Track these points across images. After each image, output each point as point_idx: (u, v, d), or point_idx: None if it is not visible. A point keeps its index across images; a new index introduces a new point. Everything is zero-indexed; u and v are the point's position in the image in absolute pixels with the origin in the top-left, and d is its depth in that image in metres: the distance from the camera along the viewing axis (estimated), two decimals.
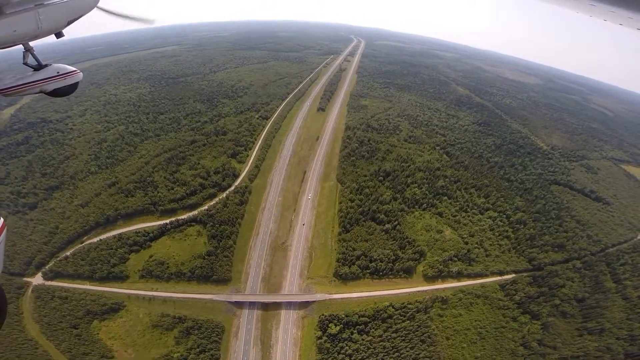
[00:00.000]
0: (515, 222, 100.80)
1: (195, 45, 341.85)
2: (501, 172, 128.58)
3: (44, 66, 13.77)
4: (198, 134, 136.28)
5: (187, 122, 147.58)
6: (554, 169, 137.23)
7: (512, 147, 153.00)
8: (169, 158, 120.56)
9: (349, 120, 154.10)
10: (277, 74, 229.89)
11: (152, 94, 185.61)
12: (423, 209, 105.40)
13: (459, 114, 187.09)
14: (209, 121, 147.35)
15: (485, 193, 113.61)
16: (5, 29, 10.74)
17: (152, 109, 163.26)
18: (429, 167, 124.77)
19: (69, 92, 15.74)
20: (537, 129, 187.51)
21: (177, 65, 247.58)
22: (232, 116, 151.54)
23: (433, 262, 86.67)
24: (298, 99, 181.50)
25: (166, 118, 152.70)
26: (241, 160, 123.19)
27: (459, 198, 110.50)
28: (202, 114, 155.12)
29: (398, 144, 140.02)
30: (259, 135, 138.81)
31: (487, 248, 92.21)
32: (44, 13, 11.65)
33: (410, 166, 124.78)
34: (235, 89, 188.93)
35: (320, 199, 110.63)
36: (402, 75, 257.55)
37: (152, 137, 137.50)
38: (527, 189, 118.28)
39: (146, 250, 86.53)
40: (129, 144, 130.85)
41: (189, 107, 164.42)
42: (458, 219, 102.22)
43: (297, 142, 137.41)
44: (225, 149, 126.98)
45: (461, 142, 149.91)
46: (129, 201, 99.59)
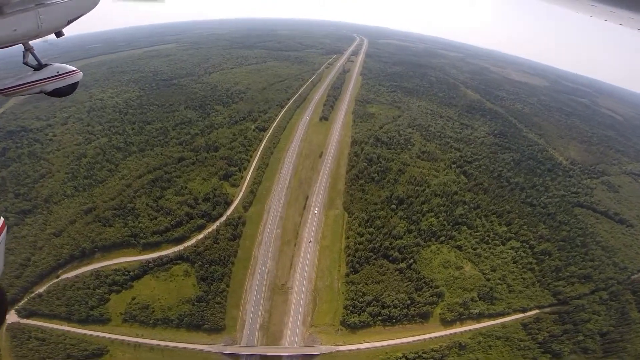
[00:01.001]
0: (539, 253, 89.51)
1: (192, 43, 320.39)
2: (523, 194, 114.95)
3: (44, 66, 13.11)
4: (187, 150, 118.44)
5: (175, 134, 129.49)
6: (576, 189, 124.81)
7: (531, 164, 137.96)
8: (153, 180, 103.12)
9: (356, 132, 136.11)
10: (276, 75, 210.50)
11: (141, 99, 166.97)
12: (441, 242, 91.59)
13: (472, 122, 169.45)
14: (199, 133, 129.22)
15: (507, 220, 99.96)
16: (5, 29, 10.26)
17: (139, 118, 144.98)
18: (446, 191, 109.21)
19: (69, 92, 14.46)
20: (553, 139, 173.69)
21: (171, 66, 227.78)
22: (226, 127, 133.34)
23: (452, 304, 76.31)
24: (299, 105, 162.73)
25: (153, 129, 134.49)
26: (234, 183, 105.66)
27: (479, 227, 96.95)
28: (193, 124, 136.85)
29: (411, 161, 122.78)
30: (255, 151, 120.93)
31: (510, 283, 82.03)
32: (45, 12, 11.12)
33: (425, 190, 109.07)
34: (231, 93, 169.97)
35: (325, 231, 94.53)
36: (408, 78, 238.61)
37: (136, 152, 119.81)
38: (550, 214, 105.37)
39: (128, 290, 74.17)
40: (110, 161, 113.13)
41: (178, 115, 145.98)
42: (479, 252, 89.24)
43: (298, 159, 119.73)
44: (217, 169, 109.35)
45: (478, 159, 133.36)
46: (106, 232, 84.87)
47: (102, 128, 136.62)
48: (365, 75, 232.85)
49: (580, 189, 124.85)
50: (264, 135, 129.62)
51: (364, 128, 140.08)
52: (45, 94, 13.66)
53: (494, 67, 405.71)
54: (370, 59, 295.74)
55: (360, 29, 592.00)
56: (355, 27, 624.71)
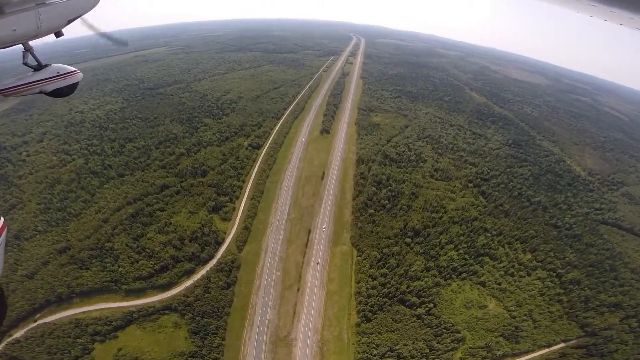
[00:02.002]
0: (568, 282, 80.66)
1: (184, 47, 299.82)
2: (546, 215, 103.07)
3: (44, 66, 12.91)
4: (171, 175, 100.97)
5: (158, 155, 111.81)
6: (599, 205, 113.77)
7: (550, 178, 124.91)
8: (132, 215, 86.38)
9: (361, 148, 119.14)
10: (271, 81, 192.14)
11: (124, 112, 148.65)
12: (462, 278, 79.26)
13: (484, 131, 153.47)
14: (185, 153, 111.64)
15: (532, 246, 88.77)
16: (5, 29, 10.12)
17: (120, 134, 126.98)
18: (465, 217, 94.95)
19: (69, 92, 14.16)
20: (568, 146, 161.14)
21: (159, 72, 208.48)
22: (215, 145, 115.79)
23: (474, 347, 66.79)
24: (296, 116, 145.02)
25: (134, 148, 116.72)
26: (226, 216, 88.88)
27: (502, 257, 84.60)
28: (178, 141, 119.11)
29: (424, 182, 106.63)
30: (248, 174, 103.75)
31: (537, 318, 73.09)
32: (44, 12, 11.01)
33: (442, 217, 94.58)
34: (221, 103, 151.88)
35: (331, 272, 79.25)
36: (411, 80, 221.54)
37: (115, 178, 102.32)
38: (576, 236, 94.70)
39: (113, 340, 63.11)
40: (86, 189, 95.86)
41: (163, 130, 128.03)
42: (503, 286, 78.75)
43: (297, 183, 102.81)
44: (205, 198, 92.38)
45: (496, 175, 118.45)
46: (83, 276, 71.43)
47: (79, 147, 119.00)
48: (365, 78, 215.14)
49: (603, 205, 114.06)
50: (258, 155, 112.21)
51: (369, 142, 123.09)
52: (46, 94, 13.14)
53: (494, 65, 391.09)
54: (370, 60, 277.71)
55: (356, 28, 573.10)
56: (351, 26, 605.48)
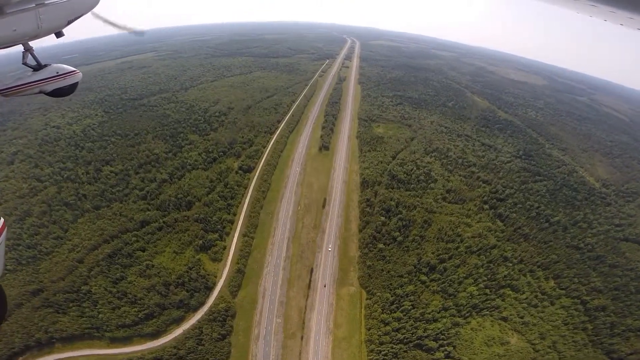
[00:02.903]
0: (593, 309, 73.75)
1: (172, 52, 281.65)
2: (567, 236, 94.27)
3: (43, 66, 12.63)
4: (152, 208, 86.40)
5: (138, 181, 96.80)
6: (618, 221, 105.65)
7: (567, 194, 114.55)
8: (110, 255, 73.69)
9: (365, 167, 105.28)
10: (263, 89, 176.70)
11: (103, 127, 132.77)
12: (482, 315, 70.26)
13: (493, 141, 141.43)
14: (168, 179, 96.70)
15: (555, 273, 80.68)
16: (5, 29, 9.84)
17: (97, 155, 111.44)
18: (483, 246, 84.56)
19: (69, 93, 13.91)
20: (577, 154, 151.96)
21: (144, 80, 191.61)
22: (202, 168, 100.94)
23: None
24: (292, 130, 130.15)
25: (112, 173, 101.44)
26: (216, 257, 75.34)
27: (524, 288, 76.14)
28: (161, 164, 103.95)
29: (436, 206, 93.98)
30: (239, 205, 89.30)
31: (561, 349, 67.18)
32: (45, 12, 10.71)
33: (459, 247, 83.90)
34: (209, 116, 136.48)
35: (339, 318, 68.62)
36: (411, 84, 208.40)
37: (90, 210, 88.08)
38: (599, 257, 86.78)
39: None
40: (58, 224, 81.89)
41: (144, 149, 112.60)
42: (526, 319, 71.21)
43: (296, 212, 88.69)
44: (191, 236, 78.39)
45: (511, 194, 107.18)
46: (61, 321, 62.43)
47: (52, 171, 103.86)
48: (363, 83, 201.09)
49: (622, 220, 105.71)
50: (249, 179, 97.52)
51: (373, 160, 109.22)
52: (45, 95, 12.99)
53: (490, 66, 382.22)
54: (366, 63, 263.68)
55: (349, 30, 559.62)
56: (344, 28, 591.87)
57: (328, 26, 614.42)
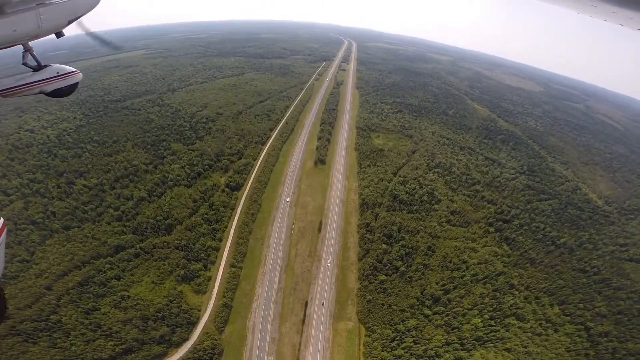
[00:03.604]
0: (596, 335, 70.28)
1: (163, 50, 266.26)
2: (573, 259, 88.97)
3: (43, 66, 12.35)
4: (128, 231, 75.62)
5: (113, 199, 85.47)
6: (623, 241, 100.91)
7: (572, 213, 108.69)
8: (81, 283, 64.50)
9: (364, 186, 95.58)
10: (256, 92, 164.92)
11: (79, 132, 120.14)
12: (486, 347, 65.54)
13: (496, 154, 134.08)
14: (147, 197, 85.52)
15: (561, 298, 76.27)
16: (6, 29, 9.64)
17: (70, 165, 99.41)
18: (489, 273, 77.95)
19: (69, 93, 13.60)
20: (579, 169, 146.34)
21: (129, 80, 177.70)
22: (184, 184, 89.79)
23: None
24: (285, 140, 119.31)
25: (85, 188, 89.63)
26: (200, 289, 66.01)
27: (529, 316, 71.35)
28: (139, 177, 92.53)
29: (440, 230, 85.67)
30: (226, 230, 78.75)
31: None
32: (45, 12, 10.47)
33: (464, 276, 77.58)
34: (195, 122, 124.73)
35: (335, 355, 62.26)
36: (409, 90, 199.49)
37: (59, 231, 77.15)
38: (604, 280, 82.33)
39: None
40: (24, 245, 71.28)
41: (122, 159, 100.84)
42: (530, 349, 66.90)
43: (289, 238, 78.64)
44: (172, 265, 68.42)
45: (516, 214, 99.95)
46: (31, 350, 55.41)
47: (20, 183, 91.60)
48: (361, 88, 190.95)
49: (627, 240, 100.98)
50: (238, 199, 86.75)
51: (373, 177, 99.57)
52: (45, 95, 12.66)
53: (486, 71, 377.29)
54: (364, 66, 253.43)
55: (345, 31, 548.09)
56: (341, 29, 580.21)
57: (324, 26, 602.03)
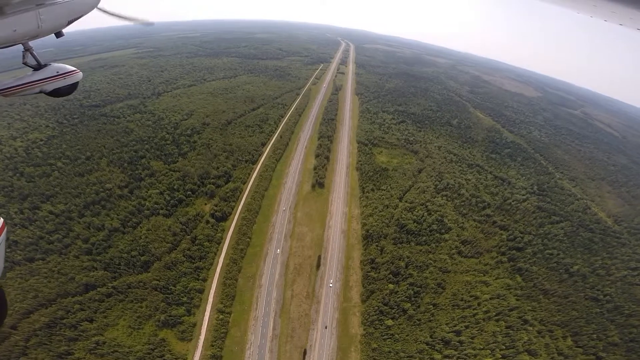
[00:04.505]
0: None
1: (153, 49, 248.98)
2: (586, 287, 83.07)
3: (43, 66, 12.09)
4: (99, 267, 64.27)
5: (82, 228, 73.16)
6: (635, 264, 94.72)
7: (584, 236, 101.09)
8: (49, 324, 54.64)
9: (367, 214, 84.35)
10: (248, 98, 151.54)
11: (50, 144, 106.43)
12: None
13: (505, 172, 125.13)
14: (120, 227, 72.94)
15: (574, 330, 71.09)
16: (6, 29, 9.47)
17: (37, 185, 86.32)
18: (502, 309, 70.48)
19: (69, 92, 13.44)
20: (586, 185, 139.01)
21: (112, 83, 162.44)
22: (163, 213, 77.31)
23: None
24: (279, 157, 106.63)
25: (51, 215, 76.66)
26: (184, 336, 55.56)
27: (542, 350, 65.07)
28: (113, 205, 79.68)
29: (451, 263, 76.47)
30: (211, 268, 67.00)
31: None
32: (45, 13, 10.32)
33: (476, 314, 70.06)
34: (179, 133, 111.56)
35: None
36: (411, 96, 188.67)
37: (21, 262, 66.16)
38: (617, 308, 77.30)
39: None
40: None
41: (94, 181, 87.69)
42: None
43: (284, 276, 67.36)
44: (151, 308, 57.46)
45: (529, 241, 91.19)
46: None
47: None
48: (361, 95, 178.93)
49: (638, 264, 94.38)
50: (225, 230, 74.61)
51: (377, 203, 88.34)
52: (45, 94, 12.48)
53: (484, 75, 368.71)
54: (362, 69, 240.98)
55: (343, 32, 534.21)
56: (337, 30, 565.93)
57: (321, 27, 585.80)
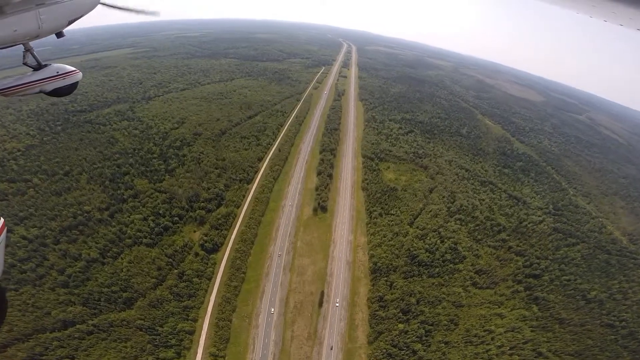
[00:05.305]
0: None
1: (150, 49, 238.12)
2: (603, 313, 77.47)
3: (43, 66, 12.04)
4: (77, 301, 56.37)
5: (56, 259, 64.75)
6: None
7: (602, 259, 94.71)
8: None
9: (375, 244, 75.75)
10: (245, 105, 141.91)
11: (28, 155, 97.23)
12: None
13: (519, 189, 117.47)
14: (99, 258, 64.25)
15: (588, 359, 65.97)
16: (6, 29, 9.33)
17: (9, 207, 77.47)
18: (517, 342, 64.56)
19: (69, 92, 13.39)
20: (599, 201, 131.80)
21: (102, 85, 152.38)
22: (146, 243, 68.38)
23: None
24: (278, 175, 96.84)
25: (24, 240, 67.94)
26: None
27: None
28: (91, 231, 70.65)
29: (465, 296, 69.94)
30: (202, 306, 58.42)
31: None
32: (45, 13, 10.16)
33: (490, 350, 63.97)
34: (167, 145, 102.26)
35: None
36: (417, 103, 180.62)
37: None
38: (632, 334, 72.17)
39: None
40: None
41: (72, 201, 78.61)
42: None
43: (283, 315, 59.20)
44: (136, 349, 50.61)
45: (546, 267, 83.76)
46: None
47: None
48: (366, 100, 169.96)
49: None
50: (216, 264, 65.83)
51: (386, 230, 79.74)
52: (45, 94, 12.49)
53: (487, 78, 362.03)
54: (366, 72, 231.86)
55: (343, 32, 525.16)
56: (338, 31, 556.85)
57: (321, 27, 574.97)
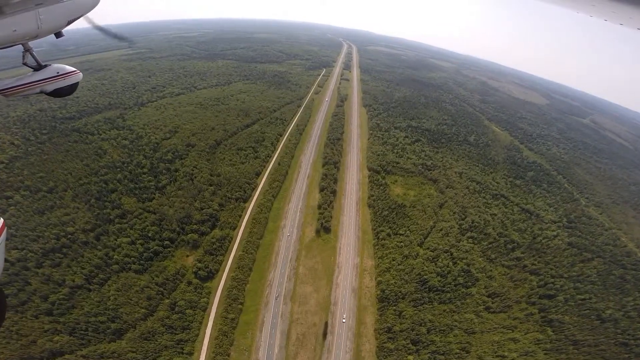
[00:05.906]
0: None
1: (145, 50, 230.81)
2: (617, 332, 72.75)
3: (43, 66, 11.85)
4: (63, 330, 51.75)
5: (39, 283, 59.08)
6: None
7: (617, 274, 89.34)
8: None
9: (384, 269, 69.95)
10: (242, 112, 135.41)
11: (10, 168, 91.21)
12: None
13: (532, 202, 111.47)
14: (85, 283, 58.46)
15: None
16: (5, 29, 9.22)
17: None
18: None
19: (69, 93, 13.10)
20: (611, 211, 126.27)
21: (93, 89, 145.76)
22: (135, 269, 62.40)
23: None
24: (277, 192, 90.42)
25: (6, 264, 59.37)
26: None
27: None
28: (75, 254, 64.63)
29: (477, 322, 64.03)
30: (197, 339, 52.75)
31: None
32: (45, 13, 10.08)
33: None
34: (158, 158, 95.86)
35: None
36: (423, 108, 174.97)
37: None
38: None
39: None
40: None
41: (55, 221, 72.45)
42: None
43: (285, 348, 53.57)
44: None
45: (561, 286, 78.45)
46: None
47: None
48: (370, 106, 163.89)
49: None
50: (211, 293, 59.93)
51: (395, 252, 73.87)
52: (46, 94, 12.36)
53: (490, 80, 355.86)
54: (368, 75, 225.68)
55: (343, 32, 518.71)
56: (339, 30, 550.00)
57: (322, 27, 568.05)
